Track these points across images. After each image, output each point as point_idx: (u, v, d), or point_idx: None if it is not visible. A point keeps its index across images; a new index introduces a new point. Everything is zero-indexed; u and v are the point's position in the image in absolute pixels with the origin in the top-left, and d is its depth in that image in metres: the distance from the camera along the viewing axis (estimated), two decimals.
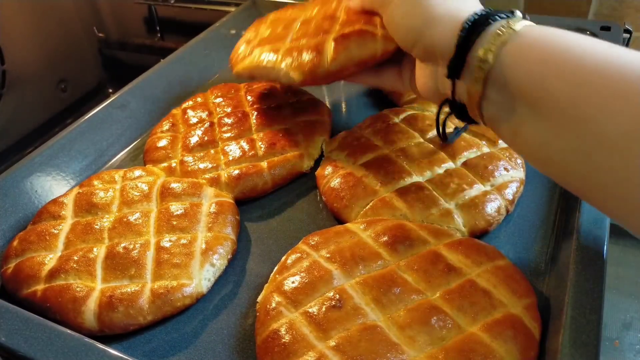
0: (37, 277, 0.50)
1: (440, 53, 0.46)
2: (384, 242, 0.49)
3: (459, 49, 0.44)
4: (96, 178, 0.61)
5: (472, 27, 0.44)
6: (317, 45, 0.57)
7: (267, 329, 0.44)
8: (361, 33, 0.56)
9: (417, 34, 0.48)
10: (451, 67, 0.45)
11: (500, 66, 0.42)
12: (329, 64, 0.56)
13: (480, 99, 0.44)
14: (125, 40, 1.28)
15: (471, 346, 0.40)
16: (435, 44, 0.47)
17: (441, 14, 0.47)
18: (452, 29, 0.45)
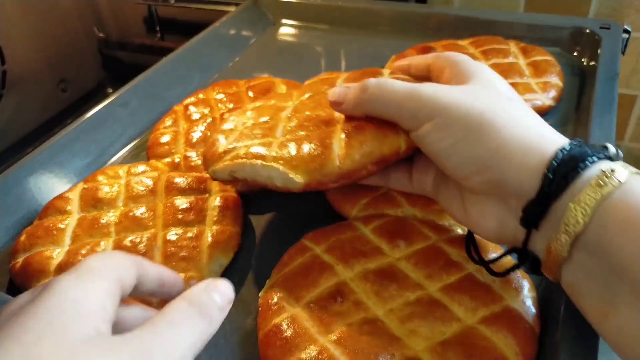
0: (46, 271, 0.50)
1: (514, 192, 0.38)
2: (385, 237, 0.49)
3: (541, 196, 0.36)
4: (100, 174, 0.61)
5: (561, 168, 0.35)
6: (322, 139, 0.46)
7: (269, 323, 0.44)
8: (377, 125, 0.46)
9: (479, 166, 0.39)
10: (528, 215, 0.37)
11: (598, 229, 0.33)
12: (342, 161, 0.45)
13: (563, 260, 0.36)
14: (125, 40, 1.28)
15: (471, 340, 0.41)
16: (507, 181, 0.38)
17: (517, 143, 0.37)
18: (533, 165, 0.37)
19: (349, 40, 0.94)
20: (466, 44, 0.79)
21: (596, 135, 0.58)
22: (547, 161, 0.36)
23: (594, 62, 0.75)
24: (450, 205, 0.45)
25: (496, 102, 0.40)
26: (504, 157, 0.38)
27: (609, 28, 0.78)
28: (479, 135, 0.39)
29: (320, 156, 0.45)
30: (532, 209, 0.37)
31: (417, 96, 0.42)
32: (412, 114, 0.42)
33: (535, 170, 0.36)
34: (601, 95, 0.65)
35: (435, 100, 0.41)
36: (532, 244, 0.39)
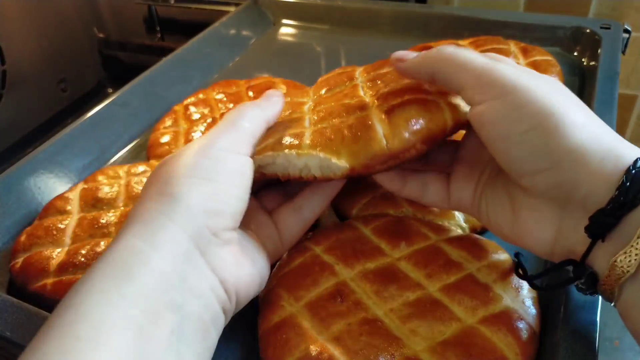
0: (46, 271, 0.50)
1: (583, 199, 0.35)
2: (385, 237, 0.49)
3: (615, 206, 0.33)
4: (100, 174, 0.61)
5: (639, 179, 0.33)
6: (361, 120, 0.43)
7: (269, 322, 0.44)
8: (420, 100, 0.43)
9: (551, 162, 0.36)
10: (596, 224, 0.34)
11: None
12: (390, 141, 0.41)
13: (627, 277, 0.33)
14: (125, 40, 1.28)
15: (471, 339, 0.41)
16: (579, 185, 0.35)
17: (592, 144, 0.34)
18: (609, 171, 0.34)
19: (349, 40, 0.94)
20: (466, 44, 0.78)
21: None
22: (625, 168, 0.33)
23: (594, 62, 0.75)
24: (496, 214, 0.42)
25: (568, 100, 0.37)
26: (581, 156, 0.34)
27: (609, 28, 0.78)
28: (555, 127, 0.35)
29: (364, 137, 0.41)
30: (602, 218, 0.34)
31: (493, 68, 0.38)
32: (484, 83, 0.38)
33: (611, 176, 0.34)
34: (601, 95, 0.65)
35: (514, 77, 0.37)
36: (591, 258, 0.36)
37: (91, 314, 0.30)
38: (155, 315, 0.32)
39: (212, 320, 0.37)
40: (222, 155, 0.40)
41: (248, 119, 0.44)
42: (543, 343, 0.42)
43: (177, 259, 0.35)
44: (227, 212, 0.39)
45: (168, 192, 0.37)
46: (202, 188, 0.38)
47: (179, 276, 0.35)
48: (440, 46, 0.41)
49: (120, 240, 0.35)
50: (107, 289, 0.32)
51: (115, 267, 0.33)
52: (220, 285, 0.38)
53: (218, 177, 0.39)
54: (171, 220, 0.36)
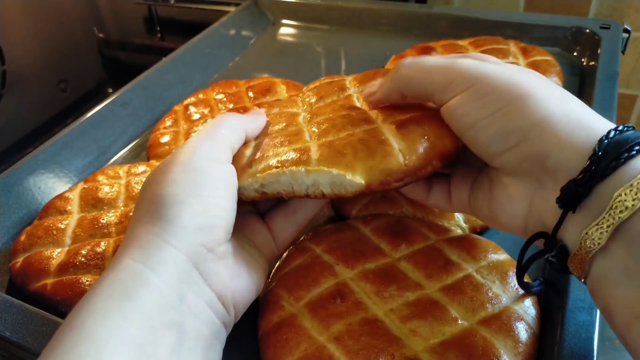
0: (46, 271, 0.50)
1: (554, 169, 0.35)
2: (385, 238, 0.49)
3: (586, 176, 0.33)
4: (101, 174, 0.62)
5: (612, 148, 0.32)
6: (373, 134, 0.41)
7: (269, 322, 0.44)
8: (432, 116, 0.42)
9: (519, 137, 0.36)
10: (567, 195, 0.34)
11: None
12: (407, 157, 0.39)
13: (597, 249, 0.33)
14: (125, 40, 1.28)
15: (471, 340, 0.41)
16: (548, 155, 0.35)
17: (560, 116, 0.35)
18: (580, 141, 0.34)
19: (349, 40, 0.94)
20: (466, 44, 0.79)
21: None
22: (597, 139, 0.33)
23: (594, 62, 0.75)
24: (477, 199, 0.43)
25: (539, 81, 0.38)
26: (549, 127, 0.35)
27: (608, 28, 0.78)
28: (521, 104, 0.36)
29: (380, 152, 0.40)
30: (573, 188, 0.33)
31: (453, 66, 0.39)
32: (447, 82, 0.39)
33: (583, 146, 0.34)
34: (601, 94, 0.65)
35: (474, 69, 0.38)
36: (563, 232, 0.35)
37: (94, 334, 0.31)
38: (156, 334, 0.33)
39: (213, 335, 0.38)
40: (205, 166, 0.41)
41: (225, 126, 0.45)
42: (543, 343, 0.42)
43: (175, 279, 0.36)
44: (219, 226, 0.39)
45: (160, 214, 0.38)
46: (192, 207, 0.38)
47: (178, 296, 0.36)
48: (398, 64, 0.43)
49: (119, 263, 0.36)
50: (108, 310, 0.33)
51: (115, 288, 0.34)
52: (218, 301, 0.39)
53: (205, 192, 0.39)
54: (167, 242, 0.37)
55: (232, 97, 0.73)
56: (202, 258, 0.38)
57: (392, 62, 0.78)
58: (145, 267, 0.35)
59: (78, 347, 0.31)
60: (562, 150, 0.34)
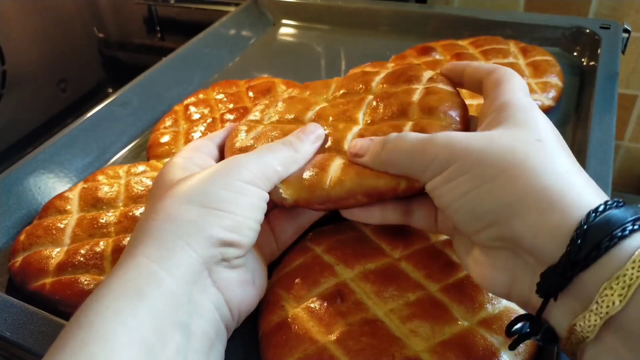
0: (45, 271, 0.50)
1: (529, 251, 0.33)
2: (385, 238, 0.49)
3: (565, 264, 0.30)
4: (100, 173, 0.62)
5: (592, 234, 0.30)
6: (325, 159, 0.45)
7: (270, 323, 0.44)
8: None
9: (488, 221, 0.35)
10: (546, 283, 0.32)
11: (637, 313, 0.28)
12: (331, 186, 0.43)
13: (587, 340, 0.30)
14: (125, 40, 1.28)
15: (471, 340, 0.41)
16: (520, 240, 0.33)
17: (535, 196, 0.32)
18: (554, 225, 0.32)
19: (349, 40, 0.94)
20: (466, 44, 0.79)
21: (596, 135, 0.58)
22: (575, 223, 0.31)
23: (594, 62, 0.75)
24: (460, 250, 0.41)
25: (519, 146, 0.35)
26: (517, 212, 0.33)
27: (609, 28, 0.78)
28: (491, 186, 0.34)
29: (313, 177, 0.44)
30: (552, 277, 0.31)
31: (430, 146, 0.38)
32: (426, 164, 0.38)
33: (559, 230, 0.31)
34: (601, 95, 0.65)
35: (448, 147, 0.37)
36: (547, 313, 0.33)
37: (104, 333, 0.31)
38: (164, 334, 0.33)
39: (217, 335, 0.38)
40: (244, 189, 0.40)
41: (280, 161, 0.44)
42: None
43: (186, 280, 0.36)
44: (243, 244, 0.40)
45: (188, 218, 0.38)
46: (224, 221, 0.38)
47: (187, 297, 0.36)
48: (386, 138, 0.42)
49: (132, 260, 0.36)
50: (119, 309, 0.33)
51: (126, 287, 0.34)
52: (225, 304, 0.39)
53: (239, 211, 0.39)
54: (189, 245, 0.37)
55: (232, 97, 0.73)
56: (217, 265, 0.38)
57: (393, 62, 0.78)
58: (160, 268, 0.35)
59: (88, 346, 0.31)
60: (536, 236, 0.32)
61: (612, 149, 0.56)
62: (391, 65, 0.56)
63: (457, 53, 0.75)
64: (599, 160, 0.55)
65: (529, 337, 0.35)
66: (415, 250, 0.48)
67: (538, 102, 0.67)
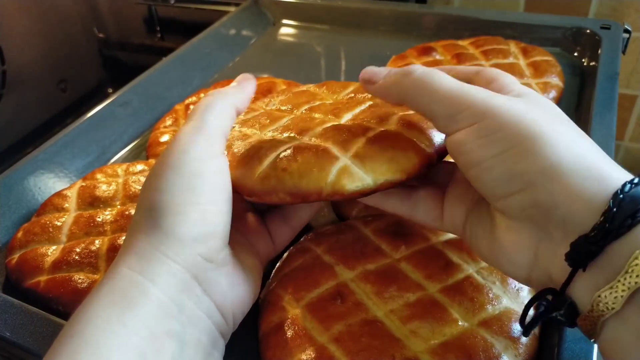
0: (40, 268, 0.51)
1: (562, 222, 0.32)
2: (385, 238, 0.49)
3: (599, 233, 0.30)
4: (99, 172, 0.62)
5: (628, 203, 0.30)
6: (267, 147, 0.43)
7: (270, 323, 0.44)
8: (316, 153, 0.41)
9: (525, 183, 0.33)
10: (577, 252, 0.31)
11: None
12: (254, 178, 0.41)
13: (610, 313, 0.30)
14: (125, 40, 1.28)
15: (471, 341, 0.41)
16: (556, 206, 0.32)
17: (571, 163, 0.32)
18: (592, 192, 0.31)
19: (349, 40, 0.94)
20: (466, 44, 0.79)
21: (597, 135, 0.58)
22: (611, 191, 0.30)
23: (595, 62, 0.75)
24: (476, 235, 0.40)
25: (551, 118, 0.35)
26: (557, 175, 0.32)
27: (609, 28, 0.78)
28: (530, 147, 0.33)
29: (248, 166, 0.42)
30: (584, 246, 0.30)
31: (466, 94, 0.36)
32: (456, 111, 0.36)
33: (594, 199, 0.31)
34: (602, 95, 0.65)
35: (486, 102, 0.35)
36: (571, 288, 0.33)
37: (95, 341, 0.31)
38: (156, 343, 0.33)
39: (212, 343, 0.37)
40: (199, 168, 0.38)
41: (214, 113, 0.42)
42: (543, 344, 0.42)
43: (174, 289, 0.35)
44: (216, 233, 0.38)
45: (157, 224, 0.36)
46: (188, 216, 0.37)
47: (178, 306, 0.35)
48: (409, 68, 0.39)
49: (116, 271, 0.35)
50: (108, 318, 0.32)
51: (115, 296, 0.34)
52: (217, 311, 0.38)
53: (201, 198, 0.38)
54: (164, 255, 0.36)
55: None
56: (202, 268, 0.37)
57: (393, 62, 0.78)
58: (143, 278, 0.35)
59: (79, 355, 0.30)
60: (572, 203, 0.31)
61: (612, 150, 0.56)
62: None
63: (457, 53, 0.75)
64: None
65: (548, 314, 0.34)
66: (415, 251, 0.48)
67: None
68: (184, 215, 0.37)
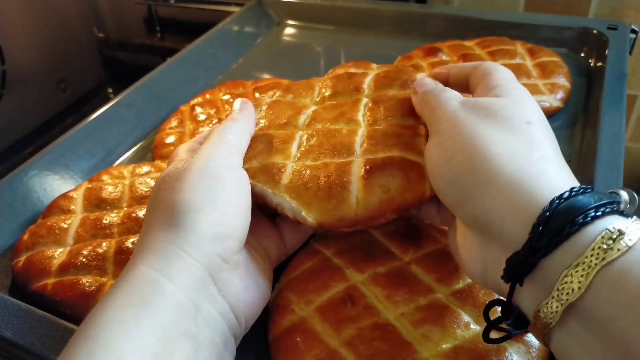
0: (47, 271, 0.50)
1: (498, 237, 0.33)
2: (395, 241, 0.49)
3: (528, 250, 0.30)
4: (105, 173, 0.61)
5: (554, 221, 0.30)
6: (341, 173, 0.43)
7: (280, 327, 0.44)
8: (403, 164, 0.42)
9: (464, 195, 0.35)
10: (511, 268, 0.32)
11: (597, 300, 0.28)
12: (359, 207, 0.41)
13: (552, 326, 0.30)
14: (125, 40, 1.28)
15: (484, 345, 0.40)
16: (490, 222, 0.33)
17: (508, 177, 0.33)
18: (521, 208, 0.32)
19: (353, 40, 0.94)
20: (472, 44, 0.78)
21: (606, 136, 0.58)
22: (540, 209, 0.31)
23: (602, 63, 0.74)
24: (450, 236, 0.42)
25: (500, 130, 0.36)
26: (492, 190, 0.33)
27: (616, 29, 0.78)
28: (469, 159, 0.35)
29: (336, 196, 0.42)
30: (516, 263, 0.31)
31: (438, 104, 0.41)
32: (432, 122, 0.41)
33: (523, 216, 0.31)
34: (610, 96, 0.64)
35: (449, 112, 0.39)
36: (517, 298, 0.33)
37: (110, 343, 0.31)
38: (171, 343, 0.33)
39: (224, 344, 0.38)
40: (219, 173, 0.40)
41: (233, 132, 0.45)
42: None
43: (191, 288, 0.36)
44: (234, 235, 0.39)
45: (176, 222, 0.37)
46: (208, 215, 0.38)
47: (194, 305, 0.35)
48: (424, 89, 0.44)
49: (133, 270, 0.35)
50: (124, 318, 0.32)
51: (130, 296, 0.34)
52: (231, 311, 0.39)
53: (221, 200, 0.39)
54: (183, 251, 0.36)
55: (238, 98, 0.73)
56: (218, 268, 0.38)
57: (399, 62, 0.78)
58: (161, 275, 0.35)
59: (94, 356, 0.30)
60: (504, 218, 0.32)
61: (622, 151, 0.56)
62: (375, 66, 0.56)
63: (463, 54, 0.75)
64: (609, 162, 0.55)
65: (500, 322, 0.35)
66: (425, 254, 0.47)
67: (546, 104, 0.66)
68: (204, 214, 0.38)
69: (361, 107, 0.49)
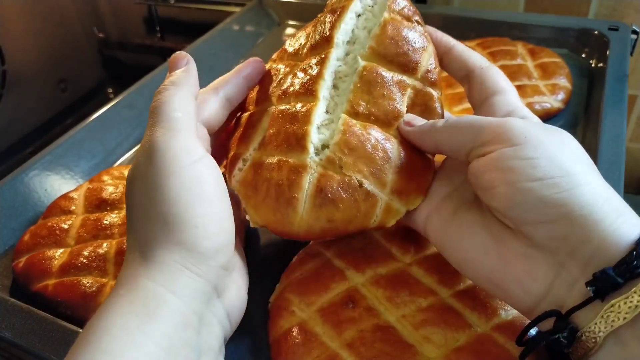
0: (48, 272, 0.50)
1: (586, 256, 0.33)
2: (395, 242, 0.49)
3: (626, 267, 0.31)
4: (106, 174, 0.61)
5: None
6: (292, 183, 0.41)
7: (280, 329, 0.44)
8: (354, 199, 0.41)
9: (558, 213, 0.33)
10: (602, 282, 0.32)
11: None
12: (299, 228, 0.41)
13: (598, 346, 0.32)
14: (125, 40, 1.28)
15: (485, 347, 0.40)
16: (586, 240, 0.33)
17: (603, 204, 0.33)
18: (622, 233, 0.32)
19: None
20: (473, 45, 0.78)
21: (607, 137, 0.58)
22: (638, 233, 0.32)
23: (603, 64, 0.74)
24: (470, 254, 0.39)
25: (579, 156, 0.36)
26: (594, 214, 0.33)
27: (617, 29, 0.77)
28: (571, 181, 0.34)
29: (281, 211, 0.41)
30: (610, 277, 0.31)
31: (505, 122, 0.37)
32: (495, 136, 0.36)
33: (625, 239, 0.32)
34: (611, 97, 0.64)
35: (526, 126, 0.36)
36: (576, 315, 0.33)
37: (113, 350, 0.31)
38: (174, 353, 0.33)
39: (219, 349, 0.38)
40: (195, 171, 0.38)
41: (178, 107, 0.41)
42: None
43: (196, 302, 0.36)
44: (230, 240, 0.39)
45: (177, 240, 0.36)
46: (206, 228, 0.36)
47: (198, 317, 0.36)
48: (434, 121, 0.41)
49: (136, 283, 0.35)
50: (126, 326, 0.32)
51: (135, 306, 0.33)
52: (226, 316, 0.39)
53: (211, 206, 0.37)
54: (189, 270, 0.36)
55: None
56: (221, 277, 0.38)
57: None
58: (166, 290, 0.34)
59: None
60: (605, 238, 0.32)
61: (623, 152, 0.56)
62: None
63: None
64: (611, 163, 0.55)
65: (547, 337, 0.34)
66: (426, 255, 0.47)
67: (547, 105, 0.66)
68: (203, 228, 0.36)
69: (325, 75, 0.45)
